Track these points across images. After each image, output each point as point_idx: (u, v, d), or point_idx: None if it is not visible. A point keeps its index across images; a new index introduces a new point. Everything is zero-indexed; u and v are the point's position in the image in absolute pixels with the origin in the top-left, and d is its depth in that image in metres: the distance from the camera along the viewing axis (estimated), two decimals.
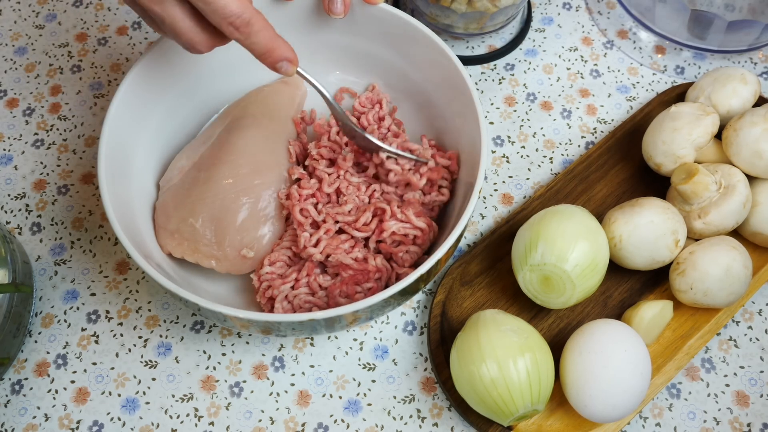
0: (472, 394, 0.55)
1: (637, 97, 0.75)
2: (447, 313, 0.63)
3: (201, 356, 0.62)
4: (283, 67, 0.54)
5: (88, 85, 0.75)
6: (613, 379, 0.54)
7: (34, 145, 0.71)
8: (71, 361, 0.62)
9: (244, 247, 0.60)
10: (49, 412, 0.60)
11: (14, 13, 0.79)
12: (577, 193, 0.69)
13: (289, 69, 0.54)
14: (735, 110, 0.67)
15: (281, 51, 0.53)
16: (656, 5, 0.74)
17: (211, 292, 0.61)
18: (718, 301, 0.60)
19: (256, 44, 0.52)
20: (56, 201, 0.68)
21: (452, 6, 0.71)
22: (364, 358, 0.62)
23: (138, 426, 0.59)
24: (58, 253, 0.66)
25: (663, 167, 0.65)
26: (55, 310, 0.64)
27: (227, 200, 0.60)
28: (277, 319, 0.51)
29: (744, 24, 0.71)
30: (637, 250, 0.61)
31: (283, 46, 0.53)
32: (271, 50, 0.52)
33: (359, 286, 0.58)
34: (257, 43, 0.51)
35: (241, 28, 0.50)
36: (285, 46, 0.53)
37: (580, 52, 0.78)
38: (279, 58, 0.53)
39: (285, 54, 0.53)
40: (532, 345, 0.55)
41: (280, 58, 0.53)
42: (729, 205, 0.61)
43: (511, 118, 0.74)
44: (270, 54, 0.52)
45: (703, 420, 0.61)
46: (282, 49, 0.53)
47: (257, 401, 0.61)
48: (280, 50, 0.53)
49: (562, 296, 0.58)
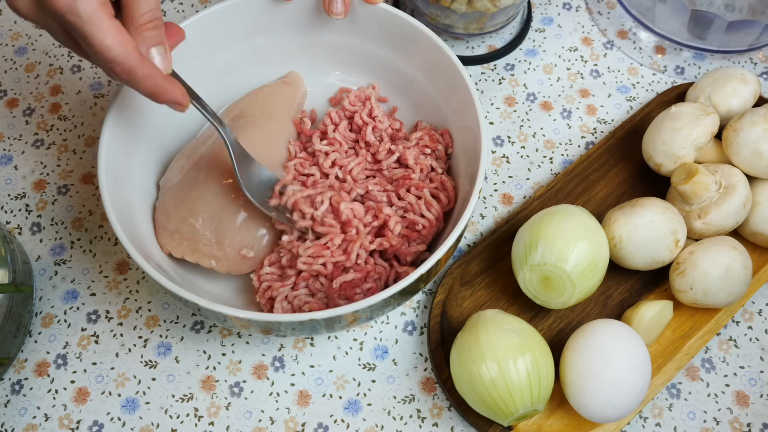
0: (472, 394, 0.55)
1: (637, 97, 0.75)
2: (447, 313, 0.63)
3: (201, 356, 0.62)
4: (173, 107, 0.53)
5: (88, 85, 0.75)
6: (613, 379, 0.54)
7: (34, 145, 0.71)
8: (71, 361, 0.62)
9: (245, 247, 0.60)
10: (49, 412, 0.60)
11: (14, 13, 0.79)
12: (577, 193, 0.69)
13: (179, 108, 0.54)
14: (735, 110, 0.67)
15: (167, 95, 0.52)
16: (656, 5, 0.74)
17: (211, 292, 0.61)
18: (718, 301, 0.60)
19: (141, 89, 0.51)
20: (56, 201, 0.69)
21: (452, 6, 0.71)
22: (364, 358, 0.62)
23: (138, 426, 0.59)
24: (58, 253, 0.66)
25: (663, 167, 0.65)
26: (55, 310, 0.64)
27: (227, 200, 0.60)
28: (277, 319, 0.51)
29: (744, 24, 0.71)
30: (637, 250, 0.61)
31: (170, 89, 0.52)
32: (157, 95, 0.51)
33: (358, 287, 0.58)
34: (142, 89, 0.51)
35: (122, 75, 0.49)
36: (171, 89, 0.52)
37: (580, 52, 0.78)
38: (165, 101, 0.52)
39: (171, 97, 0.52)
40: (532, 345, 0.55)
41: (166, 101, 0.52)
42: (729, 205, 0.61)
43: (511, 118, 0.74)
44: (156, 97, 0.52)
45: (703, 420, 0.61)
46: (167, 92, 0.52)
47: (257, 401, 0.61)
48: (166, 95, 0.52)
49: (562, 296, 0.58)
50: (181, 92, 0.53)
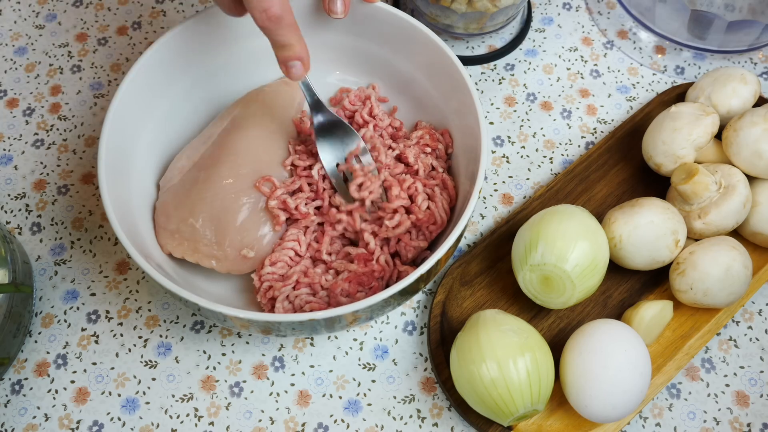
0: (472, 394, 0.55)
1: (637, 97, 0.75)
2: (447, 313, 0.63)
3: (201, 356, 0.62)
4: (294, 67, 0.55)
5: (88, 85, 0.75)
6: (613, 379, 0.54)
7: (34, 145, 0.71)
8: (71, 361, 0.62)
9: (245, 247, 0.60)
10: (49, 412, 0.60)
11: (14, 13, 0.79)
12: (577, 193, 0.69)
13: (299, 71, 0.55)
14: (735, 110, 0.67)
15: (300, 49, 0.54)
16: (656, 5, 0.74)
17: (211, 292, 0.61)
18: (718, 301, 0.60)
19: (280, 36, 0.53)
20: (56, 201, 0.69)
21: (452, 6, 0.71)
22: (364, 358, 0.62)
23: (138, 426, 0.59)
24: (58, 253, 0.66)
25: (663, 167, 0.65)
26: (55, 310, 0.64)
27: (227, 200, 0.60)
28: (277, 319, 0.51)
29: (744, 24, 0.71)
30: (637, 250, 0.61)
31: (303, 45, 0.54)
32: (292, 45, 0.53)
33: (362, 286, 0.58)
34: (282, 35, 0.52)
35: (273, 18, 0.51)
36: (304, 46, 0.54)
37: (580, 52, 0.78)
38: (295, 56, 0.54)
39: (301, 53, 0.54)
40: (532, 345, 0.55)
41: (296, 55, 0.54)
42: (729, 205, 0.61)
43: (511, 118, 0.74)
44: (289, 48, 0.53)
45: (703, 420, 0.61)
46: (301, 48, 0.54)
47: (257, 401, 0.61)
48: (299, 47, 0.54)
49: (562, 296, 0.58)
50: (308, 55, 0.55)
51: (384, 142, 0.65)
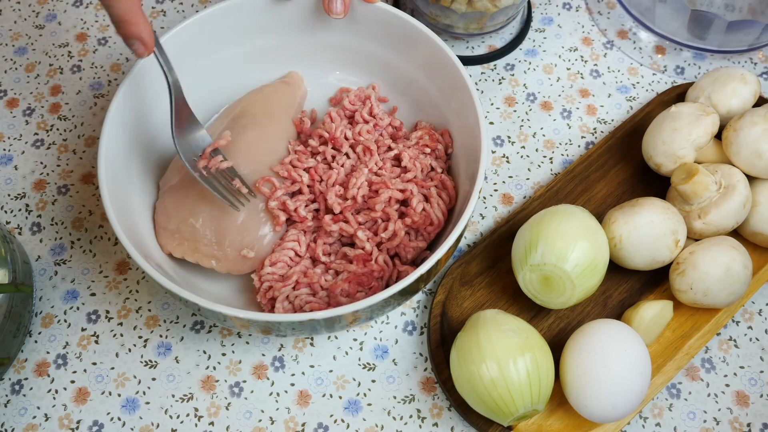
0: (472, 394, 0.55)
1: (637, 97, 0.75)
2: (447, 313, 0.63)
3: (201, 356, 0.62)
4: (135, 45, 0.52)
5: (88, 85, 0.75)
6: (613, 379, 0.54)
7: (34, 145, 0.71)
8: (71, 361, 0.62)
9: (245, 247, 0.60)
10: (49, 412, 0.60)
11: (14, 13, 0.79)
12: (577, 193, 0.69)
13: (141, 50, 0.52)
14: (735, 110, 0.67)
15: (137, 28, 0.51)
16: (656, 5, 0.74)
17: (211, 292, 0.61)
18: (718, 301, 0.60)
19: (114, 8, 0.49)
20: (56, 201, 0.69)
21: (452, 6, 0.71)
22: (364, 358, 0.62)
23: (138, 426, 0.59)
24: (58, 253, 0.66)
25: (663, 167, 0.65)
26: (55, 310, 0.64)
27: None
28: (277, 319, 0.51)
29: (744, 24, 0.71)
30: (637, 250, 0.61)
31: (142, 24, 0.51)
32: (128, 22, 0.50)
33: (362, 286, 0.58)
34: (116, 8, 0.49)
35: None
36: (145, 25, 0.51)
37: (580, 52, 0.78)
38: (132, 34, 0.51)
39: (140, 33, 0.51)
40: (532, 345, 0.55)
41: (133, 33, 0.51)
42: (729, 205, 0.61)
43: (511, 118, 0.74)
44: (125, 25, 0.50)
45: (703, 420, 0.61)
46: (140, 27, 0.51)
47: (257, 401, 0.61)
48: (137, 26, 0.51)
49: (562, 296, 0.58)
50: (150, 33, 0.51)
51: (383, 142, 0.65)
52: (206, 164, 0.59)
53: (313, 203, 0.63)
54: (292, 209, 0.61)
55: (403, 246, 0.60)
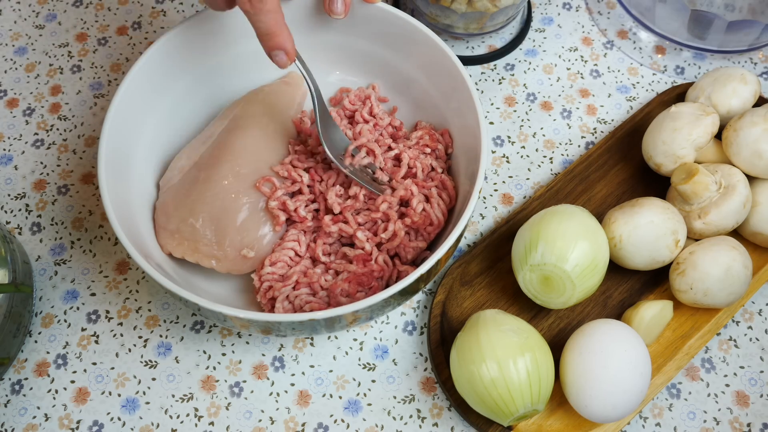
0: (472, 394, 0.55)
1: (637, 97, 0.75)
2: (447, 313, 0.63)
3: (201, 356, 0.62)
4: (278, 56, 0.54)
5: (88, 85, 0.75)
6: (613, 379, 0.54)
7: (34, 145, 0.71)
8: (71, 361, 0.62)
9: (245, 247, 0.60)
10: (49, 412, 0.60)
11: (14, 13, 0.79)
12: (577, 193, 0.69)
13: (284, 60, 0.55)
14: (735, 110, 0.67)
15: (282, 39, 0.53)
16: (656, 5, 0.74)
17: (211, 292, 0.61)
18: (718, 301, 0.60)
19: (262, 22, 0.52)
20: (56, 201, 0.69)
21: (452, 6, 0.71)
22: (364, 358, 0.62)
23: (138, 426, 0.59)
24: (58, 253, 0.66)
25: (663, 167, 0.65)
26: (55, 310, 0.64)
27: (227, 200, 0.60)
28: (277, 319, 0.51)
29: (744, 24, 0.71)
30: (637, 250, 0.61)
31: (287, 35, 0.53)
32: (274, 34, 0.53)
33: (362, 286, 0.58)
34: (263, 21, 0.52)
35: (255, 3, 0.50)
36: (288, 36, 0.54)
37: (580, 52, 0.78)
38: (278, 45, 0.53)
39: (284, 43, 0.54)
40: (532, 345, 0.55)
41: (279, 45, 0.53)
42: (729, 205, 0.61)
43: (511, 118, 0.74)
44: (271, 37, 0.53)
45: (703, 420, 0.61)
46: (284, 37, 0.53)
47: (257, 401, 0.61)
48: (282, 37, 0.53)
49: (562, 296, 0.58)
50: (293, 43, 0.54)
51: (384, 142, 0.65)
52: (351, 161, 0.62)
53: (313, 203, 0.63)
54: (292, 209, 0.61)
55: (403, 246, 0.60)
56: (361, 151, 0.63)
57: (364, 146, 0.63)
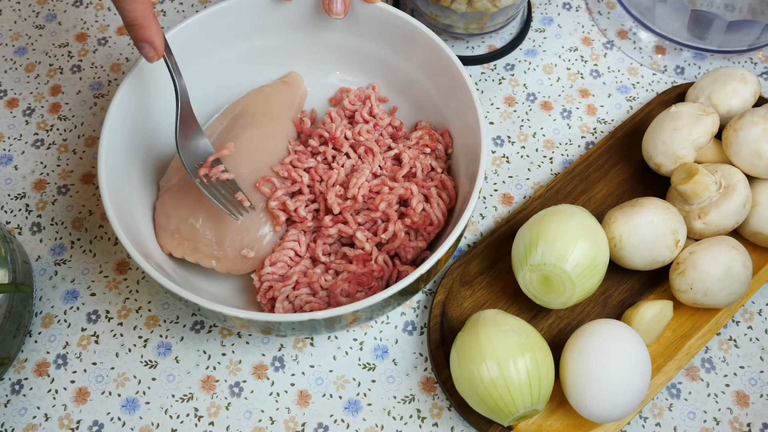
0: (472, 394, 0.55)
1: (637, 97, 0.75)
2: (447, 313, 0.63)
3: (201, 356, 0.62)
4: (145, 49, 0.53)
5: (88, 85, 0.75)
6: (613, 379, 0.54)
7: (34, 145, 0.71)
8: (71, 361, 0.62)
9: (245, 247, 0.60)
10: (49, 412, 0.60)
11: (14, 13, 0.79)
12: (577, 193, 0.69)
13: (150, 53, 0.53)
14: (735, 110, 0.67)
15: (149, 32, 0.52)
16: (656, 5, 0.74)
17: (211, 292, 0.61)
18: (718, 301, 0.60)
19: (128, 11, 0.50)
20: (56, 201, 0.69)
21: (452, 6, 0.71)
22: (364, 358, 0.62)
23: (138, 426, 0.59)
24: (58, 253, 0.66)
25: (663, 167, 0.65)
26: (55, 310, 0.64)
27: None
28: (277, 319, 0.51)
29: (744, 24, 0.71)
30: (637, 250, 0.61)
31: (155, 29, 0.52)
32: (140, 26, 0.51)
33: (362, 286, 0.58)
34: (130, 11, 0.50)
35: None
36: (156, 30, 0.52)
37: (580, 52, 0.78)
38: (143, 38, 0.52)
39: (151, 37, 0.52)
40: (532, 345, 0.55)
41: (144, 37, 0.52)
42: (729, 205, 0.61)
43: (511, 118, 0.74)
44: (137, 29, 0.52)
45: (703, 420, 0.61)
46: (151, 30, 0.52)
47: (257, 401, 0.61)
48: (149, 30, 0.52)
49: (562, 296, 0.58)
50: (161, 37, 0.52)
51: (383, 142, 0.65)
52: (207, 173, 0.59)
53: (313, 203, 0.63)
54: (292, 209, 0.61)
55: (403, 246, 0.60)
56: (220, 165, 0.60)
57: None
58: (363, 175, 0.61)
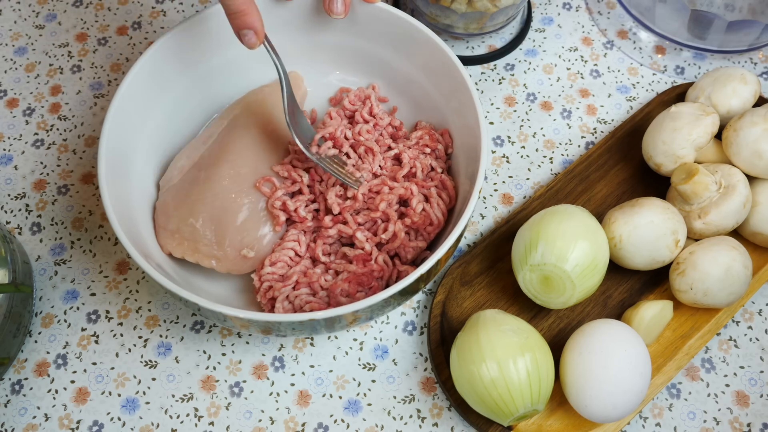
0: (472, 394, 0.55)
1: (637, 97, 0.75)
2: (447, 313, 0.63)
3: (201, 356, 0.62)
4: (247, 36, 0.54)
5: (88, 85, 0.75)
6: (613, 379, 0.54)
7: (34, 145, 0.71)
8: (71, 361, 0.62)
9: (245, 247, 0.60)
10: (49, 412, 0.60)
11: (14, 13, 0.79)
12: (577, 193, 0.69)
13: (253, 40, 0.55)
14: (735, 110, 0.67)
15: (252, 18, 0.53)
16: (656, 5, 0.74)
17: (211, 292, 0.61)
18: (718, 301, 0.60)
19: (231, 2, 0.52)
20: (56, 201, 0.69)
21: (452, 6, 0.71)
22: (364, 358, 0.62)
23: (138, 426, 0.59)
24: (58, 253, 0.66)
25: (663, 167, 0.65)
26: (55, 310, 0.64)
27: (227, 200, 0.60)
28: (277, 319, 0.51)
29: (744, 24, 0.71)
30: (637, 250, 0.61)
31: (256, 15, 0.54)
32: (242, 12, 0.53)
33: (362, 286, 0.58)
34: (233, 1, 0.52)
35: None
36: (257, 16, 0.54)
37: (580, 52, 0.78)
38: (246, 24, 0.54)
39: (253, 23, 0.54)
40: (532, 345, 0.55)
41: (247, 24, 0.54)
42: (729, 205, 0.61)
43: (511, 118, 0.74)
44: (239, 16, 0.53)
45: (703, 420, 0.61)
46: (253, 17, 0.53)
47: (257, 401, 0.61)
48: (251, 17, 0.53)
49: (562, 296, 0.58)
50: (262, 24, 0.54)
51: (383, 142, 0.65)
52: (317, 150, 0.62)
53: (313, 203, 0.63)
54: (292, 209, 0.61)
55: (403, 246, 0.60)
56: (327, 142, 0.63)
57: (332, 137, 0.64)
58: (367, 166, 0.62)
